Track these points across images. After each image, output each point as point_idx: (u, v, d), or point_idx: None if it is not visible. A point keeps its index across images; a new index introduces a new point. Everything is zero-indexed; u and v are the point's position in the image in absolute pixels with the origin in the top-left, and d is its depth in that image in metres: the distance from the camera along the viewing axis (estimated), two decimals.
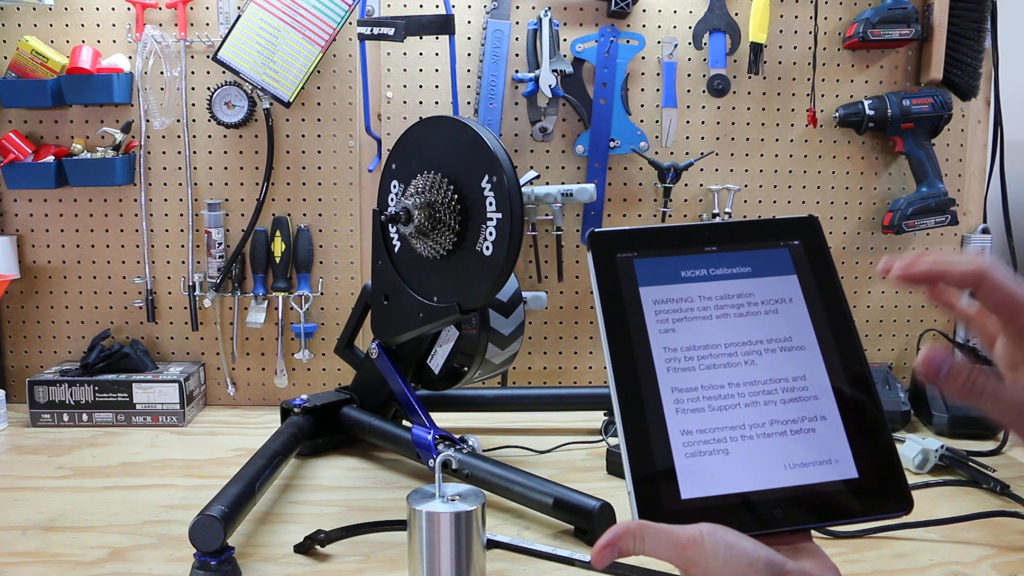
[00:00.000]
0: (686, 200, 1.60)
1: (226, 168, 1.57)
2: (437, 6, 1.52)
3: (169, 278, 1.59)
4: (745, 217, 1.61)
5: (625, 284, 0.50)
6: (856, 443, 0.48)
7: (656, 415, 0.47)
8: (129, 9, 1.51)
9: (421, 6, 1.54)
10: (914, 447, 1.25)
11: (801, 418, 0.48)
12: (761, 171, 1.60)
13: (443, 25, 1.47)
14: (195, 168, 1.57)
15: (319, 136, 1.57)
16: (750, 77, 1.56)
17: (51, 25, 1.53)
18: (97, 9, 1.52)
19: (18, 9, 1.51)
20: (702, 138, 1.59)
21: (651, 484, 0.46)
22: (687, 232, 0.53)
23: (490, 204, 1.10)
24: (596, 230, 0.51)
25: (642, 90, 1.57)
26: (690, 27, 1.54)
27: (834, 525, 0.48)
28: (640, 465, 0.46)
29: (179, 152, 1.56)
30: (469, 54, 1.55)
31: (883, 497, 0.46)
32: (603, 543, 0.44)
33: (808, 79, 1.57)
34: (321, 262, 1.60)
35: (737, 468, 0.47)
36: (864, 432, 0.48)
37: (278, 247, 1.56)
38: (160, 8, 1.52)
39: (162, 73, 1.53)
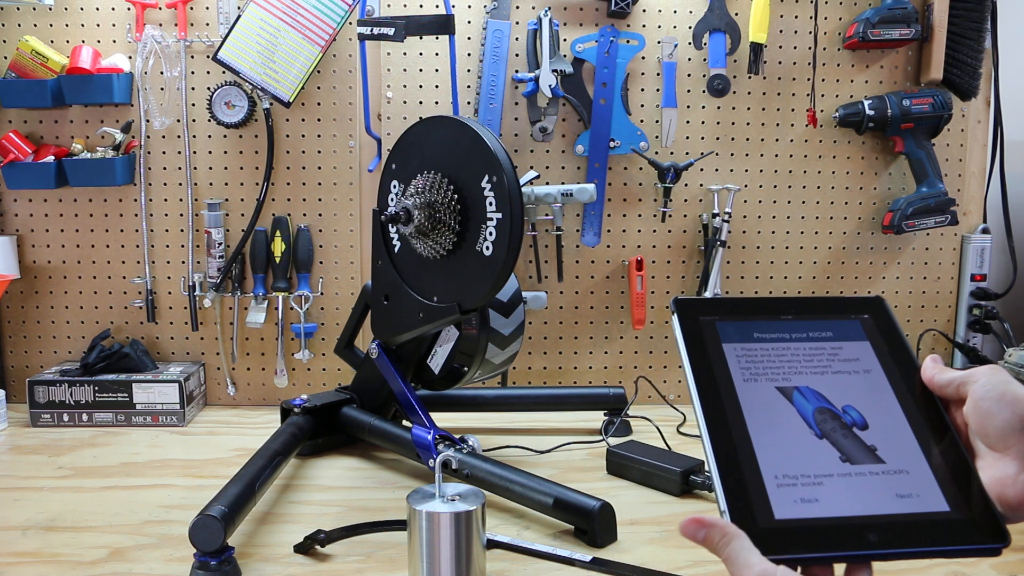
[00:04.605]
0: (686, 200, 1.60)
1: (226, 168, 1.57)
2: (437, 6, 1.52)
3: (169, 278, 1.59)
4: (745, 217, 1.61)
5: (709, 341, 0.56)
6: (944, 482, 0.50)
7: (747, 452, 0.50)
8: (129, 9, 1.51)
9: (421, 6, 1.54)
10: None
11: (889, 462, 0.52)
12: (761, 171, 1.60)
13: (443, 25, 1.47)
14: (195, 168, 1.57)
15: (319, 136, 1.57)
16: (750, 77, 1.56)
17: (51, 25, 1.53)
18: (97, 9, 1.52)
19: (18, 9, 1.51)
20: (702, 138, 1.59)
21: (745, 505, 0.48)
22: (763, 302, 0.60)
23: (490, 204, 1.10)
24: (680, 298, 0.58)
25: (642, 90, 1.57)
26: (690, 27, 1.55)
27: (925, 554, 0.49)
28: (734, 493, 0.49)
29: (179, 152, 1.56)
30: (469, 54, 1.55)
31: (975, 529, 0.48)
32: (698, 518, 0.47)
33: (808, 79, 1.57)
34: (321, 262, 1.60)
35: (828, 498, 0.49)
36: (950, 472, 0.51)
37: (278, 247, 1.56)
38: (160, 8, 1.52)
39: (162, 73, 1.53)
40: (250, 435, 1.43)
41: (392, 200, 1.25)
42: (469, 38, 1.55)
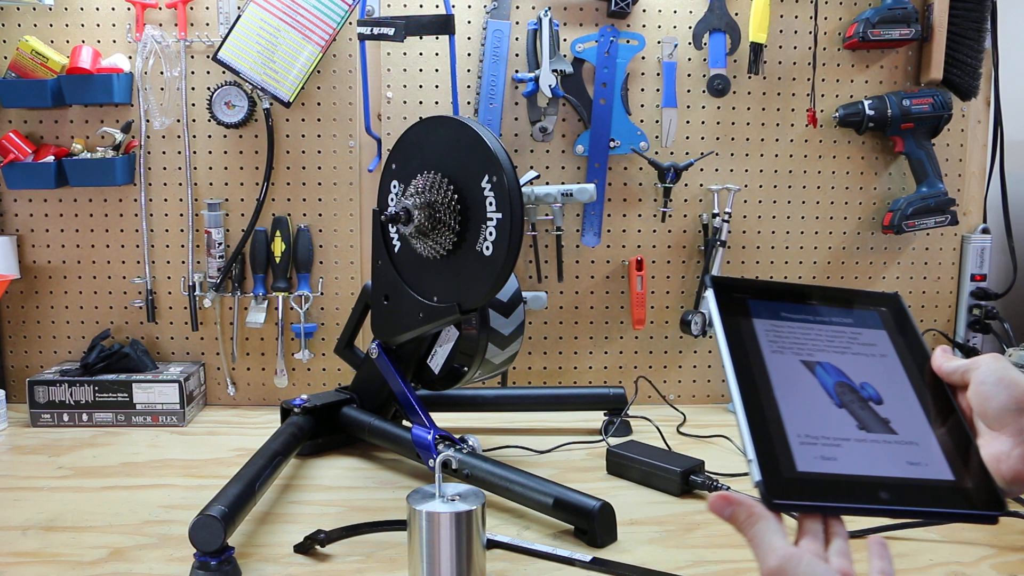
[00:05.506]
0: (686, 200, 1.60)
1: (226, 168, 1.57)
2: (437, 6, 1.52)
3: (169, 278, 1.59)
4: (745, 218, 1.61)
5: (741, 315, 0.60)
6: (949, 455, 0.56)
7: (773, 412, 0.54)
8: (129, 9, 1.51)
9: (421, 6, 1.54)
10: None
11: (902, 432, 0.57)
12: (761, 171, 1.60)
13: (443, 25, 1.47)
14: (195, 168, 1.57)
15: (319, 136, 1.57)
16: (750, 77, 1.56)
17: (51, 25, 1.53)
18: (97, 9, 1.52)
19: (18, 9, 1.51)
20: (702, 138, 1.59)
21: (770, 455, 0.52)
22: (791, 287, 0.64)
23: (490, 204, 1.10)
24: (716, 275, 0.62)
25: (642, 90, 1.57)
26: (690, 27, 1.55)
27: (931, 515, 0.53)
28: (761, 443, 0.52)
29: (179, 152, 1.56)
30: (469, 54, 1.55)
31: (975, 497, 0.53)
32: (727, 495, 0.51)
33: (808, 79, 1.57)
34: (321, 262, 1.60)
35: (846, 458, 0.53)
36: (955, 447, 0.56)
37: (278, 247, 1.56)
38: (160, 8, 1.52)
39: (162, 73, 1.53)
40: (250, 435, 1.43)
41: (392, 200, 1.25)
42: (469, 38, 1.55)
